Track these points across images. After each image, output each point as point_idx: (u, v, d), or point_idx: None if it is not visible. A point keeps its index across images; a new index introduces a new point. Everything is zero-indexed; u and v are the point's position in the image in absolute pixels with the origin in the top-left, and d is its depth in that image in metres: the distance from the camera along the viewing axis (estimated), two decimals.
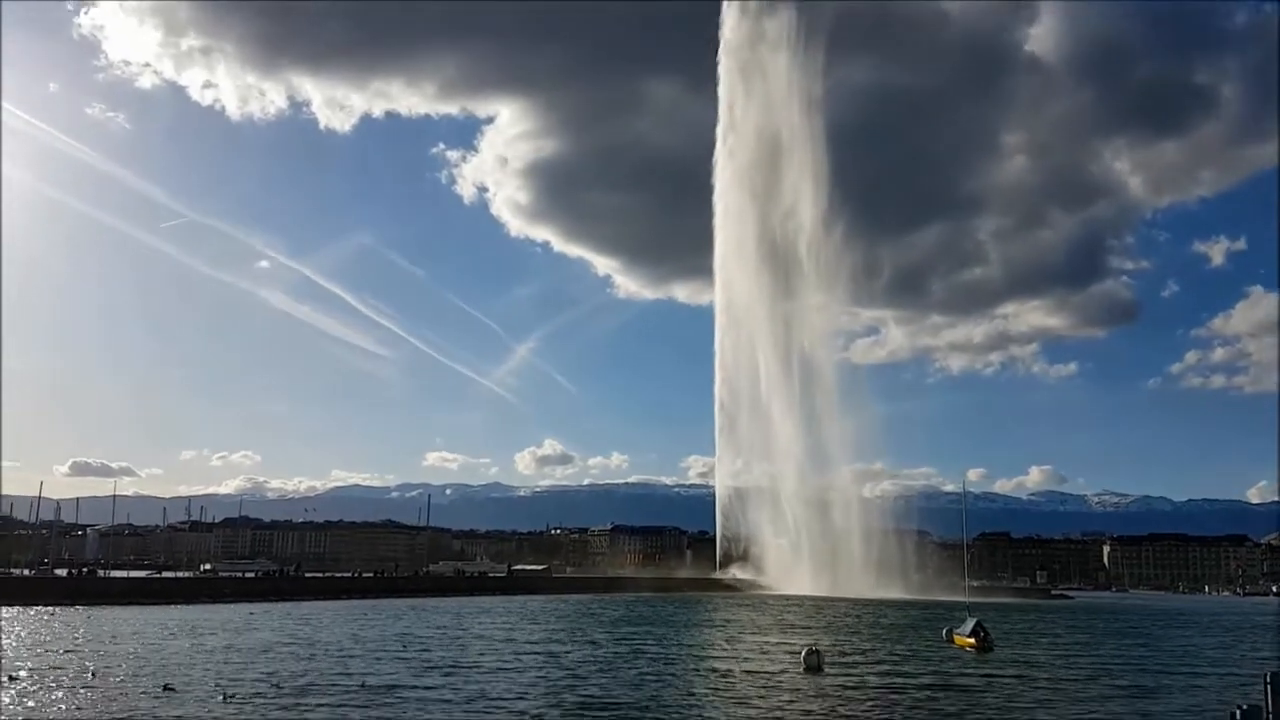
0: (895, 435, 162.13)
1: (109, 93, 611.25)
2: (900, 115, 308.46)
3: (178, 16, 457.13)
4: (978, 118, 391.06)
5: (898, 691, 30.13)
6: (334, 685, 29.32)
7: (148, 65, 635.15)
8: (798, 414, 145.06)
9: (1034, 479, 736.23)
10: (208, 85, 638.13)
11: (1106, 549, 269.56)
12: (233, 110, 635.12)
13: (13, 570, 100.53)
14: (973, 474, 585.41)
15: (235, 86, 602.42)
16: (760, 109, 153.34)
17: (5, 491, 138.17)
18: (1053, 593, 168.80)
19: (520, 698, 27.28)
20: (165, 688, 27.77)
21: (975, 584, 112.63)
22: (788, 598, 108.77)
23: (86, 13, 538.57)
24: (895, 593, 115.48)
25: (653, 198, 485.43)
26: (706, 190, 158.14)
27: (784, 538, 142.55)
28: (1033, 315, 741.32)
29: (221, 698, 26.08)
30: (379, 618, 63.95)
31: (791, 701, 27.42)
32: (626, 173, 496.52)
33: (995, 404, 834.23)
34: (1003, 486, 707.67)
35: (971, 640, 47.35)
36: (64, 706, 24.60)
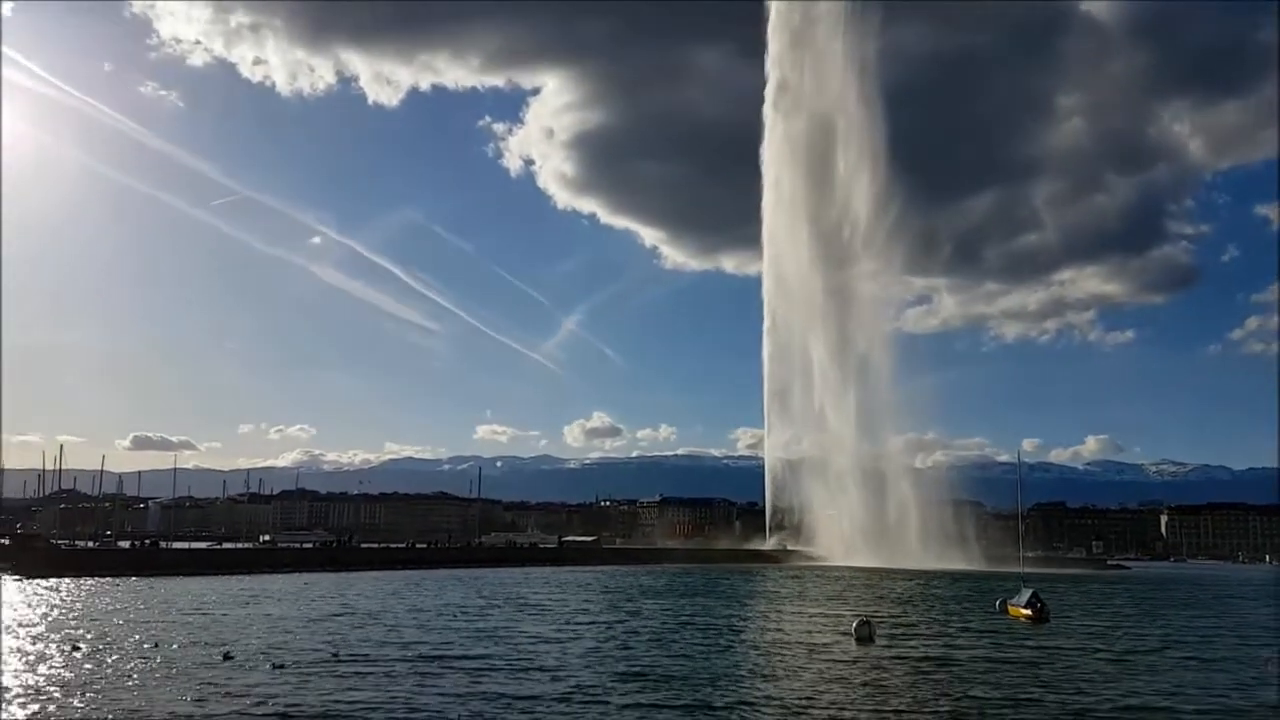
0: (948, 405, 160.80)
1: (161, 71, 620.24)
2: (953, 79, 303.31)
3: None
4: (1032, 81, 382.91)
5: (952, 664, 29.68)
6: (388, 654, 29.63)
7: (198, 43, 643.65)
8: (848, 384, 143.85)
9: (1090, 448, 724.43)
10: (258, 62, 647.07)
11: (1164, 519, 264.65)
12: (282, 86, 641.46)
13: (77, 542, 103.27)
14: (1028, 444, 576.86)
15: (284, 62, 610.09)
16: (811, 75, 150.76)
17: (69, 465, 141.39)
18: (1109, 563, 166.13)
19: (571, 668, 27.32)
20: (225, 656, 28.26)
21: (1030, 555, 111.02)
22: (838, 569, 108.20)
23: None
24: (948, 564, 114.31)
25: (700, 167, 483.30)
26: (754, 159, 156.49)
27: (835, 509, 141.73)
28: (1089, 282, 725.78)
29: (270, 666, 26.42)
30: (433, 588, 64.71)
31: (842, 673, 27.13)
32: (673, 142, 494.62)
33: (1051, 372, 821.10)
34: (1058, 456, 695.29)
35: (1027, 611, 46.59)
36: (124, 674, 25.10)
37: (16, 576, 66.85)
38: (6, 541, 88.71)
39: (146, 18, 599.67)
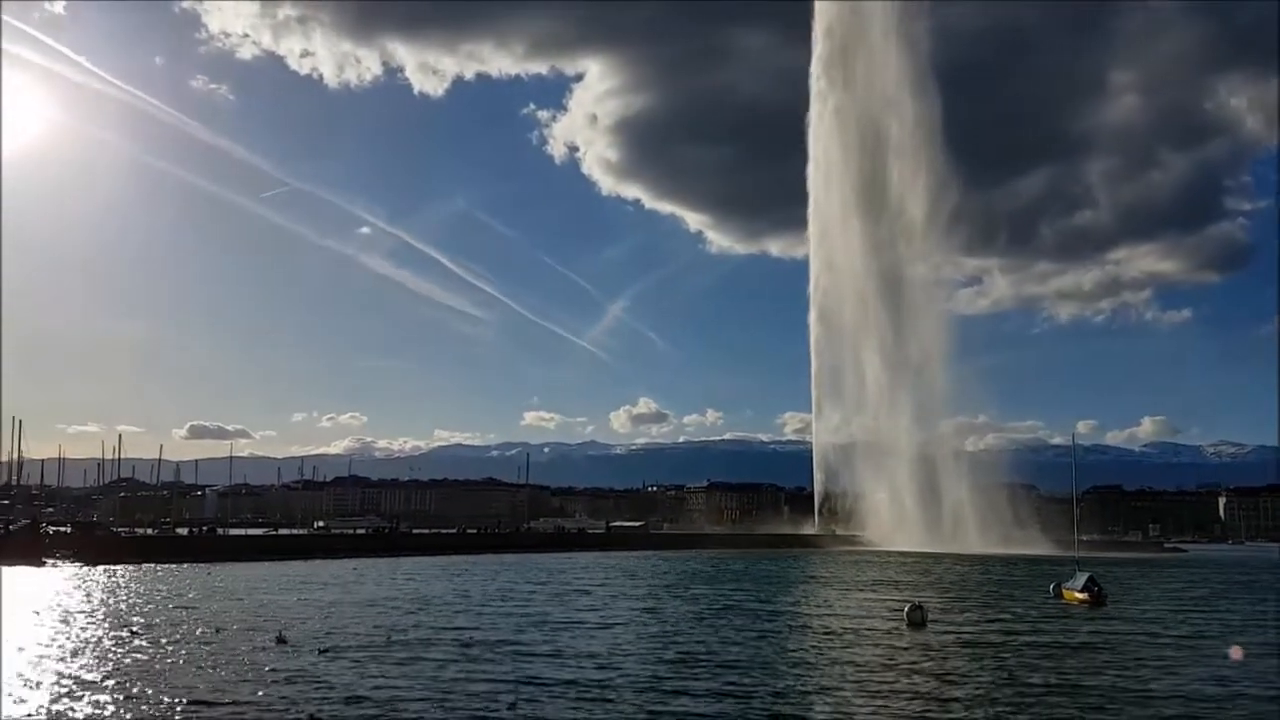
0: (1001, 388, 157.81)
1: (211, 65, 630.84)
2: (1003, 56, 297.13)
3: None
4: (1084, 57, 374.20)
5: (1007, 649, 29.19)
6: (439, 639, 29.82)
7: (246, 36, 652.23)
8: (898, 367, 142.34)
9: (1146, 430, 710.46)
10: (305, 54, 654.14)
11: (1222, 501, 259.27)
12: (330, 78, 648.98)
13: (136, 530, 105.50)
14: (1082, 426, 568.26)
15: (332, 54, 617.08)
16: (858, 53, 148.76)
17: (128, 455, 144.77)
18: (1166, 546, 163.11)
19: (619, 654, 27.27)
20: (279, 640, 28.68)
21: (1085, 538, 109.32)
22: (889, 554, 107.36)
23: None
24: (1002, 548, 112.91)
25: (744, 150, 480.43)
26: (800, 140, 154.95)
27: (885, 493, 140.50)
28: (1144, 260, 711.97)
29: (318, 651, 26.75)
30: (482, 573, 65.24)
31: (895, 658, 26.79)
32: (717, 126, 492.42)
33: (1105, 353, 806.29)
34: (1114, 438, 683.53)
35: (1084, 595, 45.80)
36: (179, 658, 25.56)
37: (78, 563, 68.50)
38: (68, 529, 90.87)
39: (195, 12, 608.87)
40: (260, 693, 20.99)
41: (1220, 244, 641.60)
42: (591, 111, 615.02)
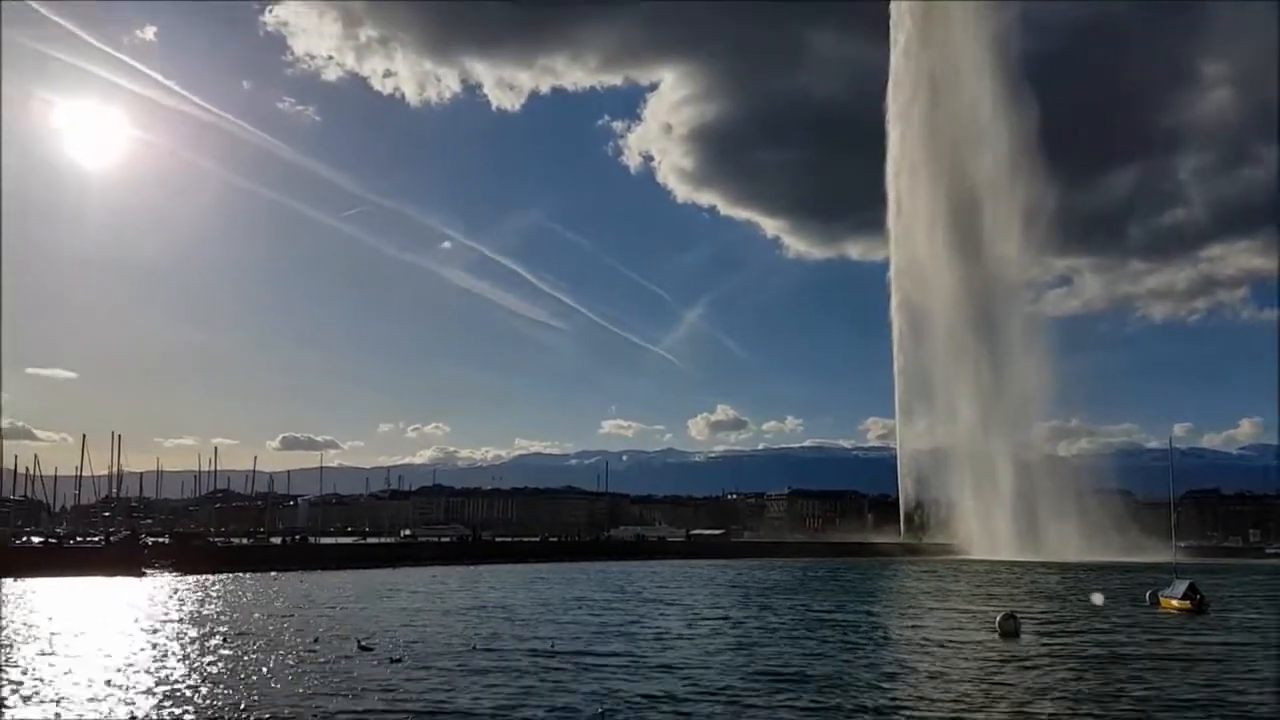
0: (1093, 390, 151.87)
1: (297, 87, 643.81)
2: (1089, 49, 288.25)
3: (355, 9, 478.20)
4: (1175, 48, 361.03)
5: (1104, 660, 28.07)
6: (521, 648, 29.85)
7: (331, 58, 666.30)
8: (986, 371, 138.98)
9: (1245, 432, 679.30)
10: (388, 74, 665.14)
11: None
12: (411, 96, 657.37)
13: (232, 539, 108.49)
14: (1179, 428, 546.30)
15: (413, 74, 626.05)
16: (937, 50, 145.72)
17: (223, 466, 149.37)
18: (1268, 552, 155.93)
19: (702, 666, 26.93)
20: (361, 648, 29.10)
21: (1182, 544, 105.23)
22: (978, 562, 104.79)
23: (271, 11, 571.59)
24: (1096, 556, 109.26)
25: (821, 152, 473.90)
26: (878, 141, 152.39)
27: (973, 499, 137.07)
28: (1240, 257, 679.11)
29: (391, 660, 26.98)
30: (562, 581, 65.45)
31: (987, 671, 25.93)
32: (792, 129, 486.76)
33: (1201, 353, 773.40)
34: (1211, 441, 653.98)
35: (1184, 603, 44.00)
36: (264, 665, 26.07)
37: (176, 573, 70.68)
38: (166, 540, 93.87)
39: (281, 35, 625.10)
40: (336, 702, 21.24)
41: None
42: (666, 121, 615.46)
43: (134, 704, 21.17)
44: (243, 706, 20.74)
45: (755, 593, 57.40)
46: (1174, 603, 44.81)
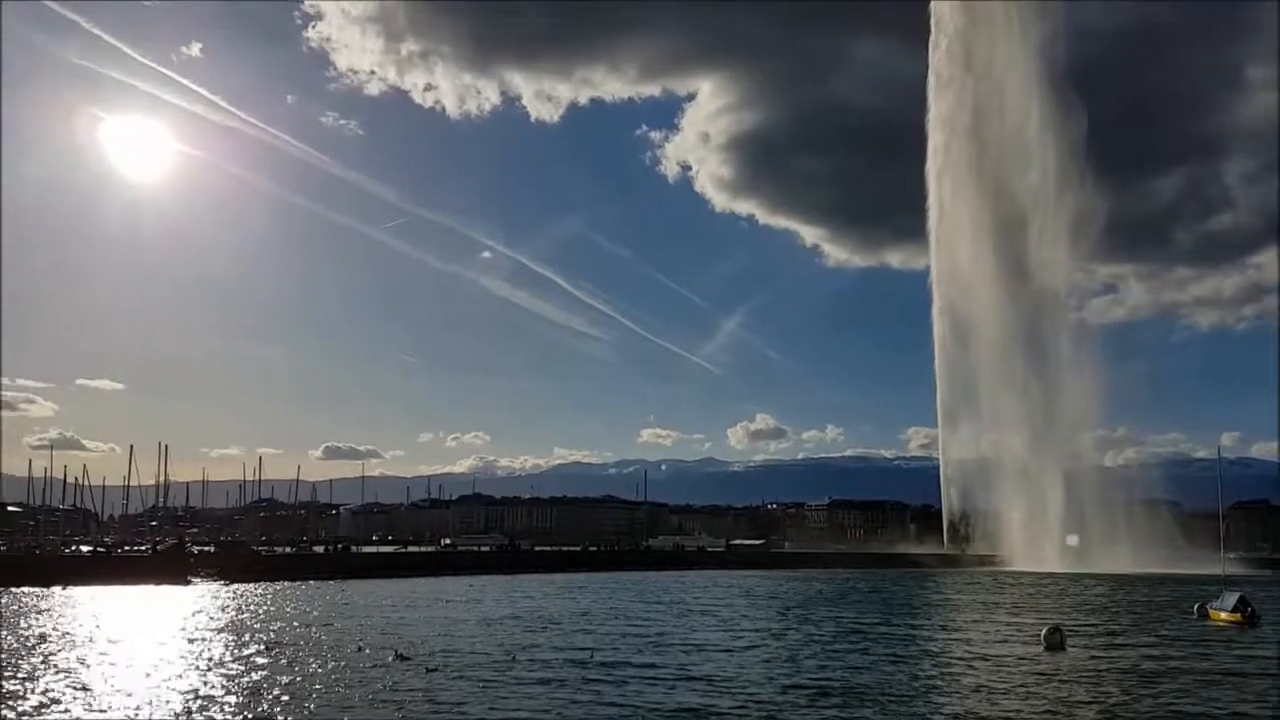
0: (1139, 399, 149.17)
1: (340, 101, 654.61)
2: (1133, 54, 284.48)
3: (397, 23, 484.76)
4: (1218, 52, 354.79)
5: (1152, 674, 27.39)
6: (560, 659, 29.81)
7: (373, 73, 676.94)
8: (1029, 379, 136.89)
9: None
10: (429, 88, 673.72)
11: None
12: (452, 109, 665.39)
13: (276, 548, 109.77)
14: (1227, 438, 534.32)
15: (453, 87, 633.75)
16: (979, 55, 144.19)
17: (267, 476, 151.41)
18: None
19: (742, 679, 26.66)
20: (398, 656, 29.26)
21: (1231, 556, 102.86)
22: (1022, 573, 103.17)
23: (314, 27, 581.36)
24: (1143, 567, 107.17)
25: (860, 160, 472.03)
26: (917, 147, 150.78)
27: (1017, 510, 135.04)
28: None
29: (428, 670, 27.04)
30: (600, 591, 65.39)
31: (1032, 685, 25.38)
32: (831, 136, 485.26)
33: (1250, 362, 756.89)
34: (1260, 450, 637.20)
35: (1235, 616, 42.97)
36: (302, 673, 26.30)
37: (221, 581, 71.63)
38: (212, 549, 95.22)
39: (324, 51, 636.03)
40: (372, 711, 21.34)
41: None
42: (704, 130, 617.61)
43: (173, 708, 21.52)
44: (279, 713, 20.90)
45: (797, 604, 56.90)
46: (1224, 616, 43.80)
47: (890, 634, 39.55)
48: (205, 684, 24.63)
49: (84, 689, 24.02)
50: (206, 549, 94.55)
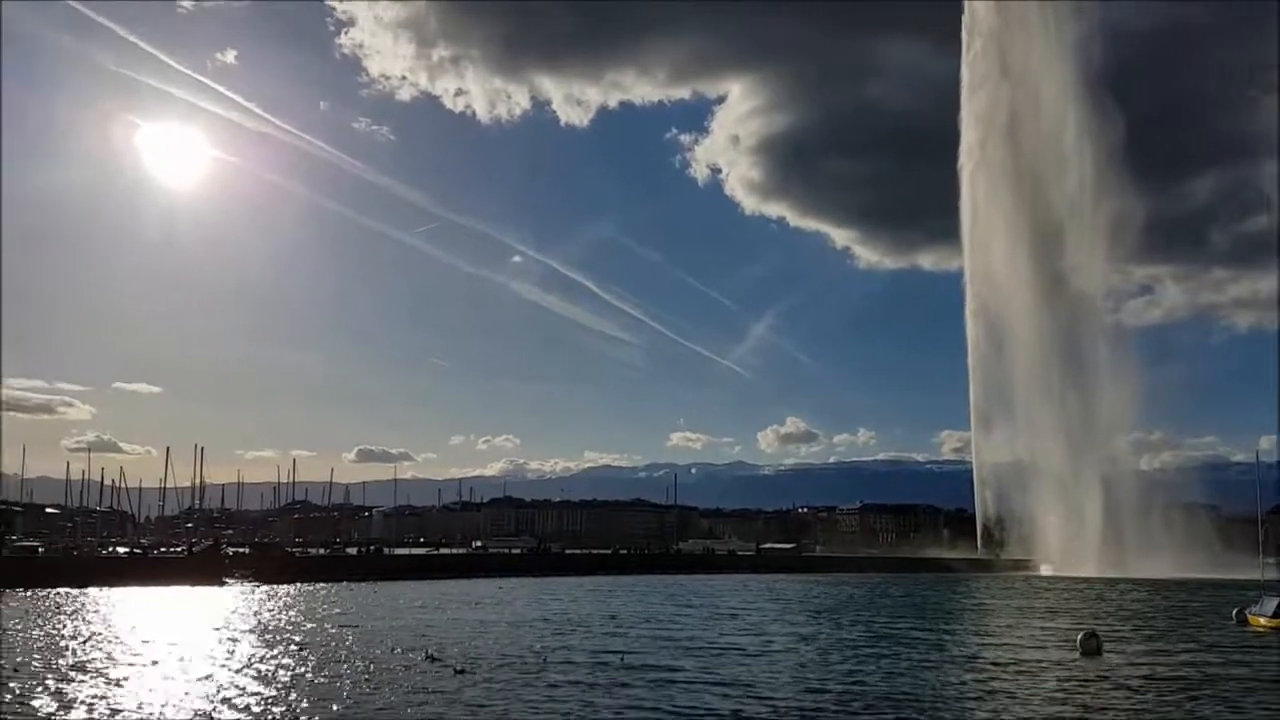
0: (1176, 402, 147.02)
1: (373, 107, 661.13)
2: (1167, 55, 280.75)
3: (428, 29, 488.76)
4: (1255, 51, 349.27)
5: (1190, 681, 26.89)
6: (590, 661, 29.81)
7: (405, 78, 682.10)
8: (1065, 382, 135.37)
9: None
10: (460, 93, 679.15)
11: None
12: (483, 114, 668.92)
13: (309, 550, 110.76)
14: (1265, 441, 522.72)
15: (484, 92, 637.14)
16: (1015, 57, 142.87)
17: (301, 478, 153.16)
18: None
19: (773, 684, 26.48)
20: (428, 657, 29.41)
21: (1270, 560, 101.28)
22: (1057, 578, 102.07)
23: (347, 33, 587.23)
24: (1179, 572, 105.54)
25: (892, 162, 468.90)
26: (949, 149, 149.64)
27: (1051, 514, 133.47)
28: None
29: (455, 671, 27.09)
30: (630, 594, 65.35)
31: (1068, 691, 25.03)
32: (863, 138, 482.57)
33: None
34: None
35: (1275, 621, 42.13)
36: (331, 675, 26.46)
37: (255, 583, 72.32)
38: (246, 550, 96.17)
39: (356, 57, 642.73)
40: (400, 713, 21.39)
41: None
42: (733, 133, 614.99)
43: (201, 706, 21.76)
44: (308, 713, 21.05)
45: (828, 609, 56.57)
46: (1263, 621, 43.01)
47: (922, 639, 39.16)
48: (235, 683, 24.88)
49: (116, 685, 24.45)
50: (241, 550, 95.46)
